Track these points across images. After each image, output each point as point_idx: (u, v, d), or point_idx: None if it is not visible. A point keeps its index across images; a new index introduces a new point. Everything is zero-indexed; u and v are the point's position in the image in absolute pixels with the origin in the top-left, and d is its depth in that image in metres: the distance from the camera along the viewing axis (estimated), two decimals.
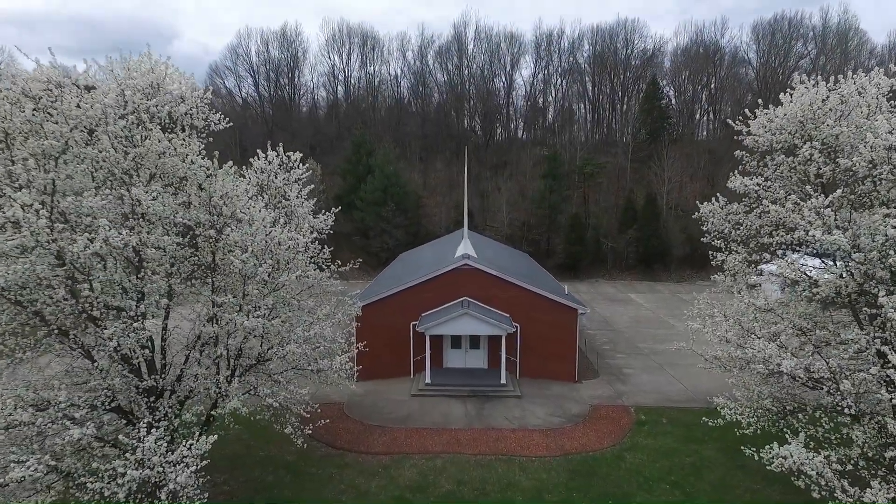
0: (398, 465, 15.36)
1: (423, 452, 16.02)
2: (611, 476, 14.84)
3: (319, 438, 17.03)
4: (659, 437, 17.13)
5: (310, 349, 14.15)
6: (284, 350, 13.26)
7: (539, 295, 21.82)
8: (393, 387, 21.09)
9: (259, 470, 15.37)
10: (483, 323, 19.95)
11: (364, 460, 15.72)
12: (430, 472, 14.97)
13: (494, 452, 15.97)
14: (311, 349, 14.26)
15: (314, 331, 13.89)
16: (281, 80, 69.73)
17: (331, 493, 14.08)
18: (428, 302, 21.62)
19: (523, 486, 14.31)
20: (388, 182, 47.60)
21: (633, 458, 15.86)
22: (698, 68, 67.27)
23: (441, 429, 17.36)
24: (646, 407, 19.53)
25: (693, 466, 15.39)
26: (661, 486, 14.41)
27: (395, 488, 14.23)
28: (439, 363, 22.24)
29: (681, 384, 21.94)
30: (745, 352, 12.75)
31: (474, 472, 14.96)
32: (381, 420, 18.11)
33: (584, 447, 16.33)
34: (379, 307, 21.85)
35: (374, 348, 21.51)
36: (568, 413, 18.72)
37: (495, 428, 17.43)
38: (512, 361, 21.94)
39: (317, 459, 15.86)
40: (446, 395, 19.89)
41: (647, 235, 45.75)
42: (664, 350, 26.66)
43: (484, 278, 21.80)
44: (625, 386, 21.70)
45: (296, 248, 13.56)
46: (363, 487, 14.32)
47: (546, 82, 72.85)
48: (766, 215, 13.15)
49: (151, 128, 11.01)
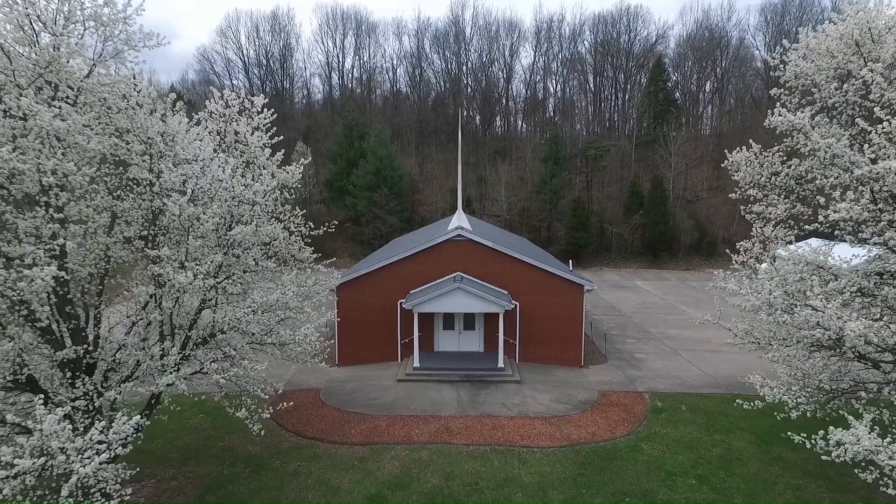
0: (377, 457, 13.14)
1: (407, 442, 13.80)
2: (627, 470, 12.62)
3: (288, 427, 14.85)
4: (679, 426, 14.91)
5: (269, 318, 11.95)
6: (236, 317, 11.05)
7: (541, 270, 19.59)
8: (378, 372, 18.86)
9: (215, 463, 13.15)
10: (478, 299, 17.71)
11: (338, 452, 13.50)
12: (414, 465, 12.76)
13: (490, 442, 13.75)
14: (272, 319, 12.06)
15: (275, 296, 11.67)
16: (272, 64, 67.41)
17: (293, 491, 11.86)
18: (417, 278, 19.39)
19: (523, 481, 12.09)
20: (382, 165, 45.35)
21: (652, 449, 13.64)
22: (703, 55, 65.02)
23: (429, 416, 15.14)
24: (662, 393, 17.32)
25: (721, 459, 13.17)
26: (687, 481, 12.18)
27: (371, 484, 12.02)
28: (430, 346, 20.01)
29: (699, 369, 19.73)
30: (794, 317, 10.48)
31: (466, 465, 12.74)
32: (361, 407, 15.88)
33: (593, 437, 14.11)
34: (362, 285, 19.62)
35: (358, 331, 19.33)
36: (574, 400, 16.50)
37: (491, 415, 15.21)
38: (511, 344, 19.71)
39: (283, 451, 13.65)
40: (436, 381, 17.66)
41: (654, 221, 43.48)
42: (677, 335, 24.51)
43: (480, 251, 19.57)
44: (637, 371, 19.49)
45: (252, 199, 11.35)
46: (334, 483, 12.10)
47: (546, 69, 70.54)
48: (815, 155, 10.94)
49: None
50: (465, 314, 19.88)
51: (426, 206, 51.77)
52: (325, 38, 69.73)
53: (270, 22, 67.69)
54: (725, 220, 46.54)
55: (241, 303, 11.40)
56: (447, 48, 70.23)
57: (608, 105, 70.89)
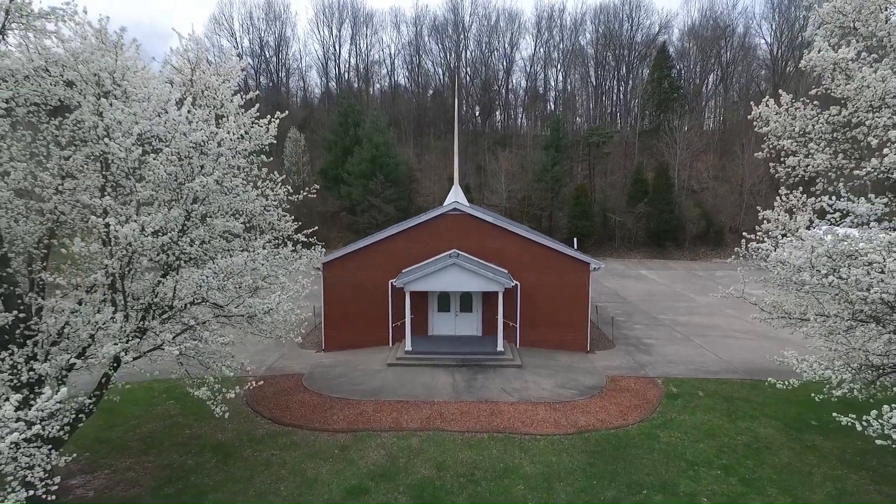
0: (361, 445, 11.69)
1: (395, 429, 12.35)
2: (642, 459, 11.16)
3: (264, 413, 13.40)
4: (698, 413, 13.47)
5: (236, 286, 10.48)
6: (196, 282, 9.58)
7: (544, 247, 18.14)
8: (367, 357, 17.40)
9: (179, 452, 11.69)
10: (475, 276, 16.25)
11: (318, 439, 12.04)
12: (402, 454, 11.30)
13: (488, 429, 12.30)
14: (240, 287, 10.59)
15: (241, 259, 10.19)
16: (266, 52, 65.89)
17: (264, 482, 10.40)
18: (410, 256, 17.93)
19: (525, 471, 10.64)
20: (378, 152, 43.86)
21: (669, 436, 12.19)
22: (708, 44, 63.50)
23: (421, 402, 13.69)
24: (676, 378, 15.87)
25: (748, 448, 11.71)
26: (711, 471, 10.73)
27: (352, 475, 10.56)
28: (424, 330, 18.55)
29: (714, 354, 18.28)
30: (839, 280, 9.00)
31: (460, 454, 11.29)
32: (345, 392, 14.42)
33: (603, 423, 12.66)
34: (350, 263, 18.16)
35: (346, 313, 17.89)
36: (580, 385, 15.05)
37: (489, 401, 13.76)
38: (511, 328, 18.26)
39: (256, 439, 12.19)
40: (430, 365, 16.20)
41: (659, 210, 42.01)
42: (688, 321, 23.07)
43: (477, 227, 18.11)
44: (647, 356, 18.03)
45: (216, 150, 9.88)
46: (310, 473, 10.64)
47: (547, 57, 68.99)
48: (861, 95, 9.47)
49: None
50: (461, 294, 18.43)
51: (424, 195, 50.30)
52: (321, 27, 68.29)
53: (265, 9, 66.22)
54: (732, 210, 45.11)
55: (203, 267, 9.92)
56: (446, 37, 68.79)
57: (610, 97, 69.44)
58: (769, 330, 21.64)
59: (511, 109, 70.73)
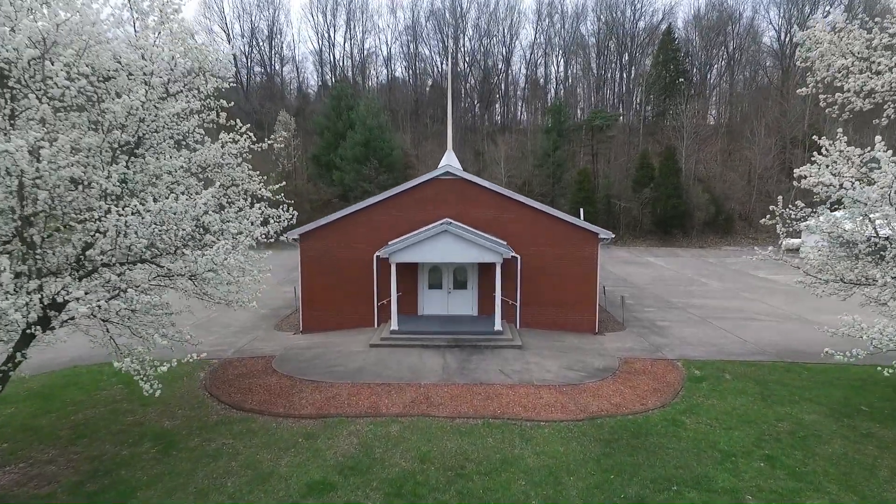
0: (330, 433, 9.80)
1: (372, 415, 10.46)
2: (667, 449, 9.27)
3: (222, 398, 11.51)
4: (728, 397, 11.57)
5: (172, 237, 8.56)
6: (115, 227, 7.66)
7: (547, 215, 16.24)
8: (349, 339, 15.51)
9: (114, 442, 9.80)
10: (470, 245, 14.35)
11: (280, 426, 10.16)
12: (379, 443, 9.41)
13: (482, 415, 10.41)
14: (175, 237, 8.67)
15: (180, 203, 8.27)
16: (258, 37, 63.90)
17: (208, 477, 8.52)
18: (398, 226, 16.02)
19: (527, 463, 8.75)
20: (371, 136, 41.96)
21: (696, 423, 10.30)
22: (713, 32, 61.49)
23: (405, 384, 11.80)
24: (698, 361, 13.98)
25: (793, 436, 9.82)
26: (752, 463, 8.83)
27: (317, 467, 8.67)
28: (413, 309, 16.66)
29: (736, 336, 16.39)
30: None
31: (449, 443, 9.40)
32: (319, 374, 12.53)
33: (618, 408, 10.77)
34: (331, 234, 16.26)
35: (326, 290, 16.03)
36: (589, 367, 13.15)
37: (485, 383, 11.87)
38: (510, 307, 16.36)
39: (208, 426, 10.30)
40: (419, 345, 14.31)
41: (666, 195, 40.07)
42: (703, 304, 21.18)
43: (473, 193, 16.22)
44: (662, 338, 16.14)
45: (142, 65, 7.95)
46: (266, 466, 8.76)
47: (548, 43, 67.01)
48: None
49: None
50: (455, 269, 16.53)
51: None
52: (315, 13, 66.33)
53: None
54: (742, 197, 43.22)
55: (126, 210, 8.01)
56: (444, 24, 66.81)
57: (611, 87, 67.37)
58: (792, 312, 19.82)
59: (510, 101, 68.78)
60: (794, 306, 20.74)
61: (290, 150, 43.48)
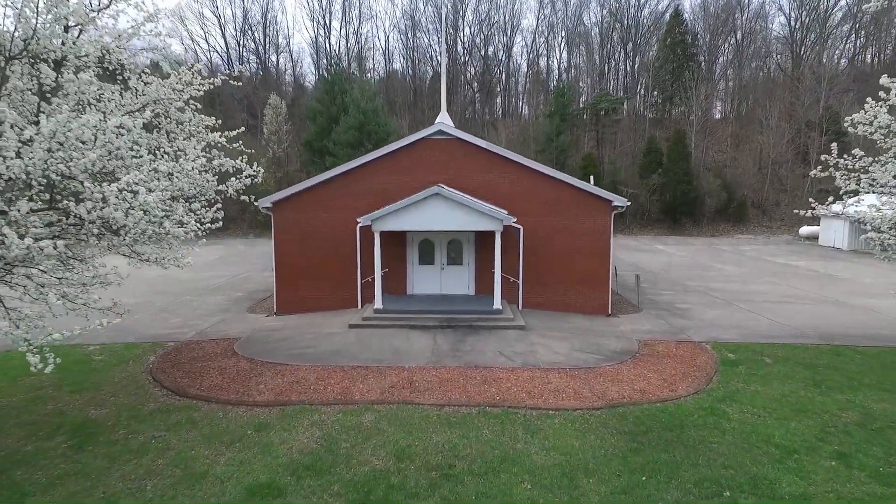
0: (288, 424, 7.90)
1: (342, 402, 8.56)
2: (711, 444, 7.35)
3: (165, 383, 9.59)
4: (772, 383, 9.65)
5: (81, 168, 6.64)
6: None
7: (554, 180, 14.32)
8: (327, 320, 13.60)
9: (22, 434, 7.91)
10: (464, 210, 12.43)
11: (228, 416, 8.25)
12: (347, 436, 7.51)
13: (477, 402, 8.49)
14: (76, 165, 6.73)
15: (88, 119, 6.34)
16: (250, 21, 61.84)
17: (125, 477, 6.63)
18: (385, 194, 14.06)
19: (533, 461, 6.84)
20: (366, 119, 39.98)
21: (741, 413, 8.38)
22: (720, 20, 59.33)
23: (385, 367, 9.89)
24: (730, 343, 12.06)
25: (864, 428, 7.89)
26: (821, 462, 6.91)
27: (264, 466, 6.77)
28: (401, 288, 14.76)
29: (769, 319, 14.46)
30: None
31: (434, 436, 7.49)
32: (284, 357, 10.63)
33: (643, 395, 8.85)
34: (308, 203, 14.37)
35: (304, 267, 14.16)
36: (605, 349, 11.23)
37: (481, 366, 9.96)
38: (512, 285, 14.45)
39: (141, 416, 8.40)
40: (405, 326, 12.40)
41: (675, 180, 38.07)
42: (723, 288, 19.24)
43: (469, 156, 14.31)
44: (685, 320, 14.21)
45: None
46: (200, 464, 6.85)
47: (550, 34, 64.96)
48: None
49: None
50: (448, 242, 14.61)
51: None
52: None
53: None
54: (755, 183, 41.21)
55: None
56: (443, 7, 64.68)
57: (615, 76, 65.21)
58: (825, 295, 17.85)
59: (511, 94, 66.63)
60: (825, 290, 18.80)
61: (281, 136, 41.59)
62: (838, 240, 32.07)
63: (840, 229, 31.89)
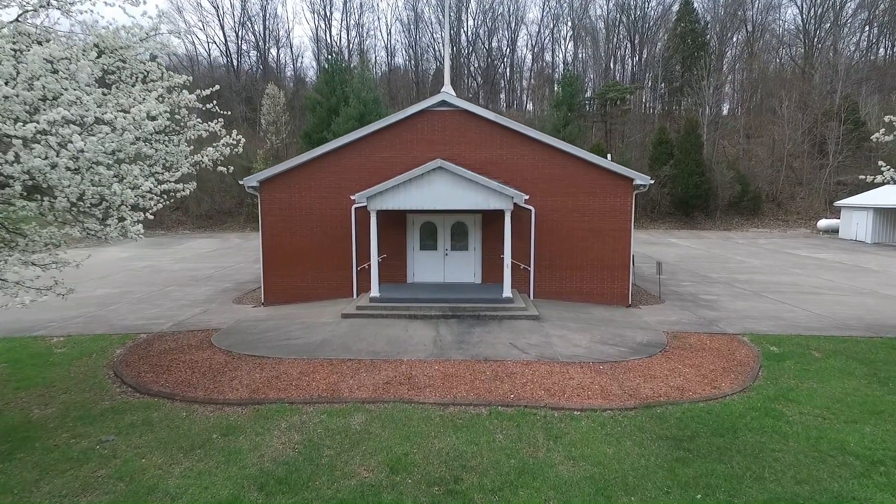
0: (263, 426, 6.61)
1: (328, 400, 7.27)
2: (773, 452, 6.04)
3: (126, 378, 8.32)
4: (830, 380, 8.31)
5: None
6: None
7: (569, 156, 13.01)
8: (318, 310, 12.32)
9: None
10: (470, 186, 11.13)
11: (192, 416, 6.98)
12: (332, 441, 6.22)
13: (488, 400, 7.19)
14: None
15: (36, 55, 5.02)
16: (249, 12, 60.61)
17: (55, 492, 5.39)
18: (382, 172, 12.77)
19: (559, 474, 5.53)
20: (366, 110, 38.67)
21: (801, 414, 7.05)
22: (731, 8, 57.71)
23: (381, 360, 8.60)
24: (770, 335, 10.72)
25: None
26: None
27: (226, 480, 5.49)
28: (400, 276, 13.47)
29: (805, 310, 13.10)
30: None
31: (437, 441, 6.19)
32: (266, 349, 9.35)
33: (682, 393, 7.53)
34: (298, 182, 13.11)
35: (294, 253, 12.92)
36: (630, 341, 9.91)
37: (491, 360, 8.65)
38: (522, 272, 13.15)
39: (91, 416, 7.13)
40: (404, 316, 11.10)
41: (688, 172, 36.63)
42: (750, 279, 17.89)
43: (474, 129, 13.00)
44: (713, 312, 12.87)
45: None
46: (149, 478, 5.57)
47: (555, 27, 63.48)
48: None
49: None
50: (452, 224, 13.31)
51: None
52: None
53: None
54: (770, 175, 39.74)
55: None
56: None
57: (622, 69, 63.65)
58: (860, 287, 16.46)
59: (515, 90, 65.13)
60: (857, 281, 17.43)
61: (280, 126, 40.35)
62: (861, 233, 30.63)
63: (863, 221, 30.45)
